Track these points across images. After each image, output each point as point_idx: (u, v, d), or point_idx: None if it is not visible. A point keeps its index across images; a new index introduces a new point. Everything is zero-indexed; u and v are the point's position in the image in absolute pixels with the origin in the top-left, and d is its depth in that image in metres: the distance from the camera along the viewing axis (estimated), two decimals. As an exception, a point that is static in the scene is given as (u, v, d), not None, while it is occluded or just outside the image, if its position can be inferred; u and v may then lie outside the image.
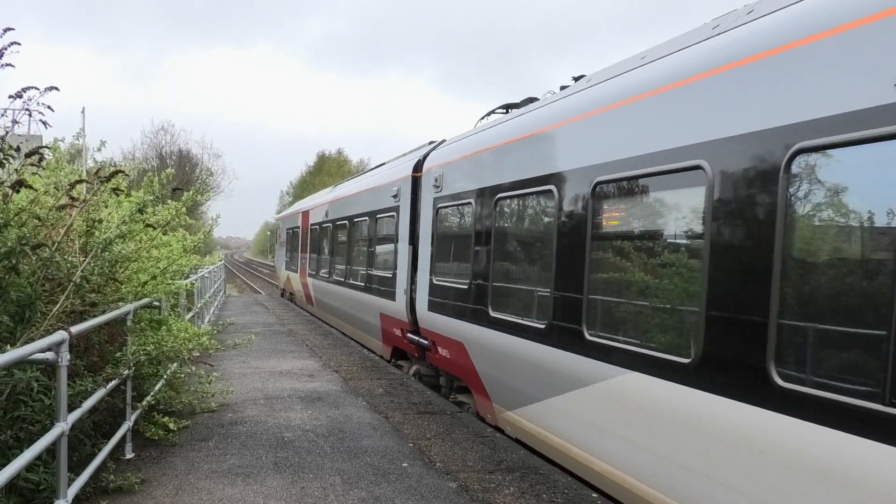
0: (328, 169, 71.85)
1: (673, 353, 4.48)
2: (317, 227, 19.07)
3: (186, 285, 8.66)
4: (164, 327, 6.84)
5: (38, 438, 3.88)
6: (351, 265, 14.41)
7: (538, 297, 6.45)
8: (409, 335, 10.35)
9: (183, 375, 7.73)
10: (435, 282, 9.16)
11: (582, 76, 7.03)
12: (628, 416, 5.00)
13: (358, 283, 13.49)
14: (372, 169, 16.48)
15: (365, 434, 7.04)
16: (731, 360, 4.03)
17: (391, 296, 11.12)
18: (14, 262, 4.59)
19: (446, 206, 8.95)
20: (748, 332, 3.89)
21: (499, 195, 7.30)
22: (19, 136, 5.00)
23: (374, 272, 12.34)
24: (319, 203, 19.74)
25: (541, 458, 6.35)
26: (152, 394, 6.68)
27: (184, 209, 7.22)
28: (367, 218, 13.19)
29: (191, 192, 7.24)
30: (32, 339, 4.42)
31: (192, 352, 6.81)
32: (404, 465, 6.09)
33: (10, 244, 4.53)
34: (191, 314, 11.30)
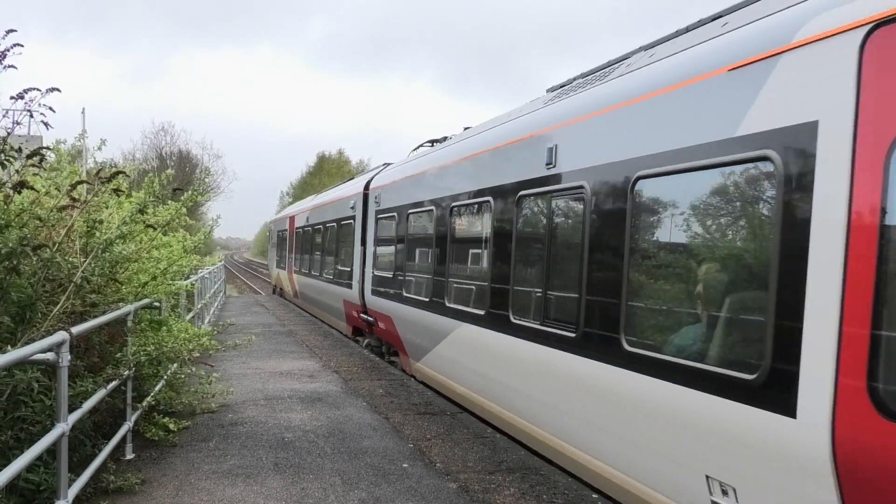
0: (328, 169, 71.70)
1: (476, 309, 7.54)
2: (300, 230, 22.09)
3: (186, 286, 8.66)
4: (165, 328, 6.84)
5: (39, 439, 3.88)
6: (324, 262, 17.47)
7: (425, 281, 9.36)
8: (361, 315, 13.13)
9: (183, 376, 7.73)
10: (375, 273, 12.00)
11: (468, 128, 10.08)
12: (461, 350, 8.03)
13: (328, 277, 16.60)
14: (344, 182, 19.89)
15: (365, 435, 7.04)
16: (496, 312, 7.01)
17: (350, 286, 14.06)
18: (15, 262, 4.59)
19: (382, 218, 11.96)
20: (501, 295, 6.91)
21: (407, 212, 10.38)
22: (19, 136, 4.99)
23: (339, 267, 15.40)
24: (302, 209, 22.94)
25: (541, 459, 6.35)
26: (152, 394, 6.68)
27: (184, 209, 7.22)
28: (335, 224, 16.32)
29: (190, 192, 7.24)
30: (33, 340, 4.42)
31: (192, 352, 6.82)
32: (404, 465, 6.09)
33: (11, 245, 4.53)
34: (191, 315, 11.30)
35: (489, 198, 7.31)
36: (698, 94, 4.32)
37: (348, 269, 14.19)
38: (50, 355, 3.95)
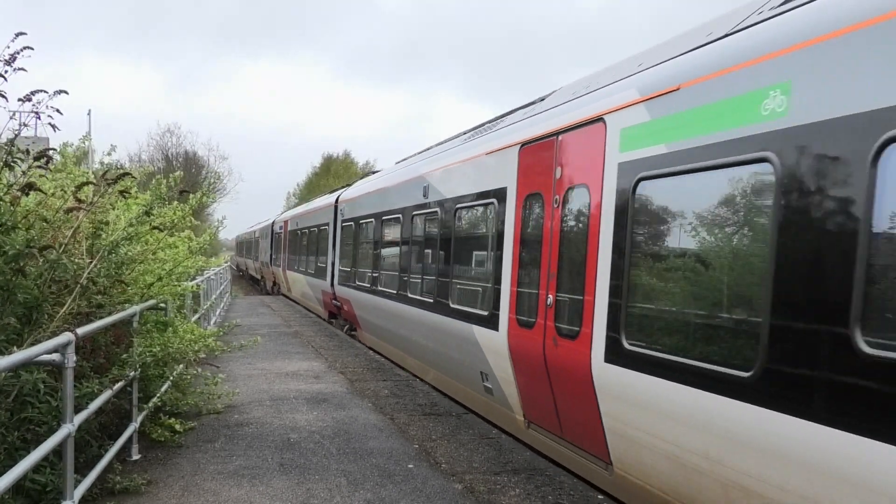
0: (335, 171, 71.57)
1: (394, 290, 10.83)
2: (282, 232, 27.39)
3: (192, 287, 8.68)
4: (170, 329, 6.85)
5: (45, 440, 3.89)
6: (307, 258, 21.80)
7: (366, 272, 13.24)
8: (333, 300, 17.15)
9: (189, 377, 7.75)
10: (341, 267, 16.25)
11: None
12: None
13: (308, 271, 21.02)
14: (330, 191, 23.15)
15: (370, 435, 7.04)
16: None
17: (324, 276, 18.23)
18: (21, 264, 4.60)
19: (345, 224, 15.72)
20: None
21: (346, 223, 15.28)
22: (26, 138, 5.01)
23: (318, 263, 19.17)
24: (279, 220, 28.75)
25: (546, 460, 6.34)
26: (158, 395, 6.69)
27: (189, 212, 7.23)
28: (315, 228, 20.06)
29: (197, 195, 7.25)
30: (39, 341, 4.43)
31: (197, 353, 6.83)
32: (410, 466, 6.09)
33: (17, 247, 4.55)
34: (197, 316, 11.33)
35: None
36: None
37: (322, 265, 18.90)
38: (56, 356, 3.96)
